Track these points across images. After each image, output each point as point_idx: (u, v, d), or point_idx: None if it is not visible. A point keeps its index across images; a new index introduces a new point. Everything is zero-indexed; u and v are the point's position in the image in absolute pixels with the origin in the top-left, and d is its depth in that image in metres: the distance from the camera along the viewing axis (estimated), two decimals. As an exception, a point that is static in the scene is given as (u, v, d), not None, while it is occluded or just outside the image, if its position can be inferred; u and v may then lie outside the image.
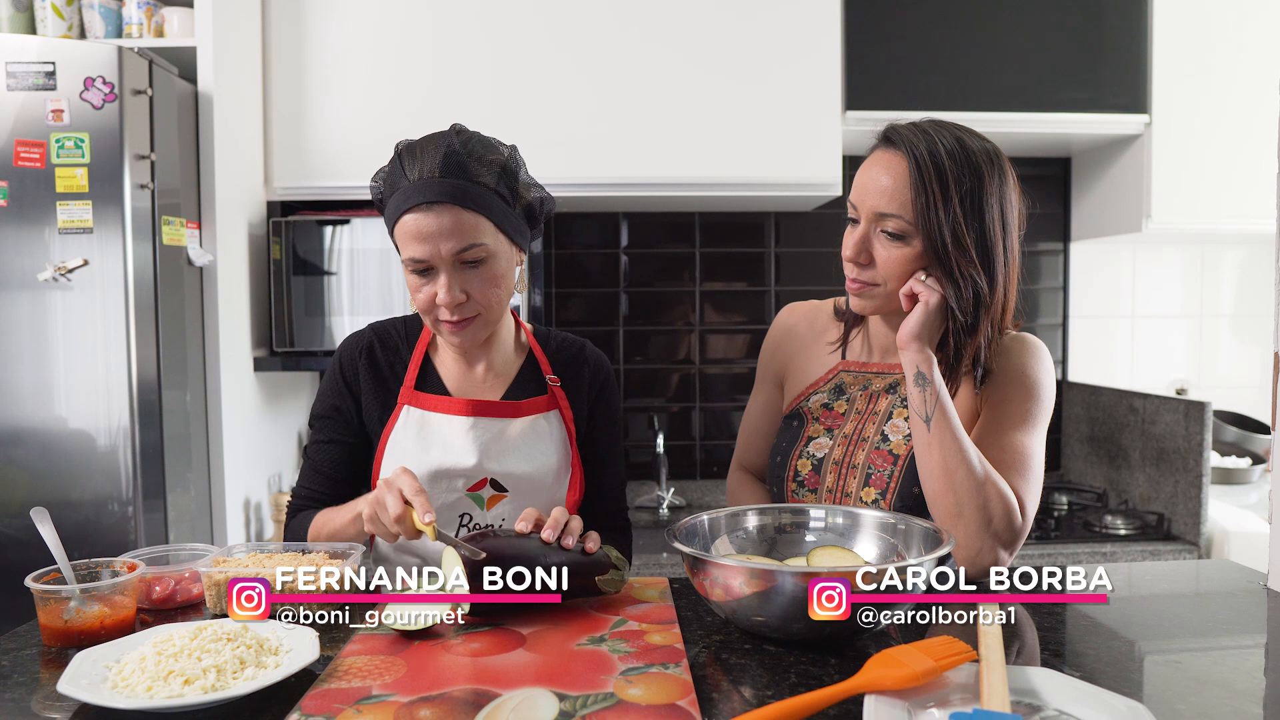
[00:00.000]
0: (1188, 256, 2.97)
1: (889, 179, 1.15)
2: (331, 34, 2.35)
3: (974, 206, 1.13)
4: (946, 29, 2.46)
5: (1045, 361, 1.22)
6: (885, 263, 1.16)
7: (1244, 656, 0.92)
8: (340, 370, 1.28)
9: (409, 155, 1.17)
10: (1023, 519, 1.13)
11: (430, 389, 1.27)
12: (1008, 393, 1.20)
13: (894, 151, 1.16)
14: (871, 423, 1.26)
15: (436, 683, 0.80)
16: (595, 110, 2.37)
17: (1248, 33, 2.50)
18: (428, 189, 1.13)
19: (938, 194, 1.12)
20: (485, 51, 2.36)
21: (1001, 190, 1.16)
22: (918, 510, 1.20)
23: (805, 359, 1.38)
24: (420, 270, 1.16)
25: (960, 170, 1.13)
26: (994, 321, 1.18)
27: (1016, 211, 1.19)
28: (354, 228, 2.31)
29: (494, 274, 1.18)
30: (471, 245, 1.14)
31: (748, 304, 2.89)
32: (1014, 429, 1.18)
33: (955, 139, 1.16)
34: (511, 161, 1.20)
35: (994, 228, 1.15)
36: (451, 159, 1.15)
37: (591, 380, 1.35)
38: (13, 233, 1.85)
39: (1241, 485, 2.68)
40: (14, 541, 1.86)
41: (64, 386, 1.88)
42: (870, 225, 1.17)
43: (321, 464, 1.28)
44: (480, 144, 1.19)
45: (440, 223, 1.13)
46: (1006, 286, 1.18)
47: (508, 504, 1.25)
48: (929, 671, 0.75)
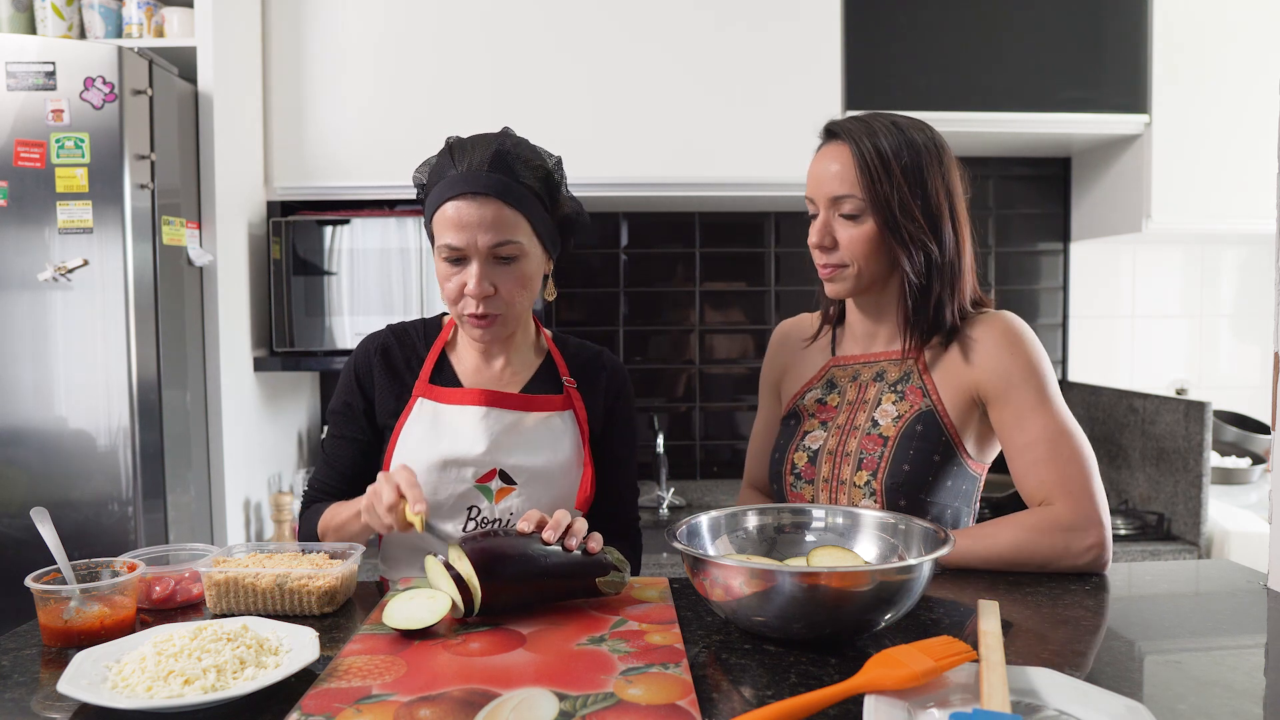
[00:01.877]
0: (1188, 256, 2.97)
1: (837, 165, 1.25)
2: (331, 34, 2.35)
3: (916, 178, 1.23)
4: (946, 29, 2.46)
5: (1027, 334, 1.25)
6: (848, 243, 1.25)
7: (1244, 656, 0.92)
8: (354, 369, 1.32)
9: (458, 148, 1.20)
10: (1086, 494, 1.17)
11: (445, 382, 1.29)
12: (1011, 381, 1.22)
13: (837, 142, 1.27)
14: (862, 411, 1.30)
15: (436, 683, 0.80)
16: (595, 110, 2.37)
17: (1248, 33, 2.50)
18: (473, 180, 1.16)
19: (880, 170, 1.22)
20: (486, 52, 2.36)
21: (940, 160, 1.26)
22: (909, 488, 1.22)
23: (798, 363, 1.43)
24: (453, 259, 1.19)
25: (898, 147, 1.23)
26: (951, 284, 1.25)
27: (959, 182, 1.27)
28: (354, 228, 2.31)
29: (523, 274, 1.21)
30: (507, 241, 1.17)
31: (748, 304, 2.89)
32: (1036, 415, 1.20)
33: (891, 122, 1.26)
34: (556, 170, 1.25)
35: (938, 196, 1.24)
36: (501, 156, 1.18)
37: (608, 386, 1.37)
38: (13, 233, 1.85)
39: (1241, 485, 2.68)
40: (14, 541, 1.86)
41: (64, 386, 1.88)
42: (829, 211, 1.26)
43: (333, 458, 1.33)
44: (528, 148, 1.23)
45: (481, 213, 1.16)
46: (959, 250, 1.26)
47: (516, 497, 1.26)
48: (929, 671, 0.75)
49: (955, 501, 1.27)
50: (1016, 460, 1.21)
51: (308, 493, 1.34)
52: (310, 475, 1.35)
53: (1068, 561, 1.15)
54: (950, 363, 1.26)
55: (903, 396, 1.27)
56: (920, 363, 1.28)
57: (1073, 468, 1.17)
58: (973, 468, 1.28)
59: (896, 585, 0.86)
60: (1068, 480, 1.17)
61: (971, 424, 1.26)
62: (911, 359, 1.29)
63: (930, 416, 1.24)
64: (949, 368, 1.26)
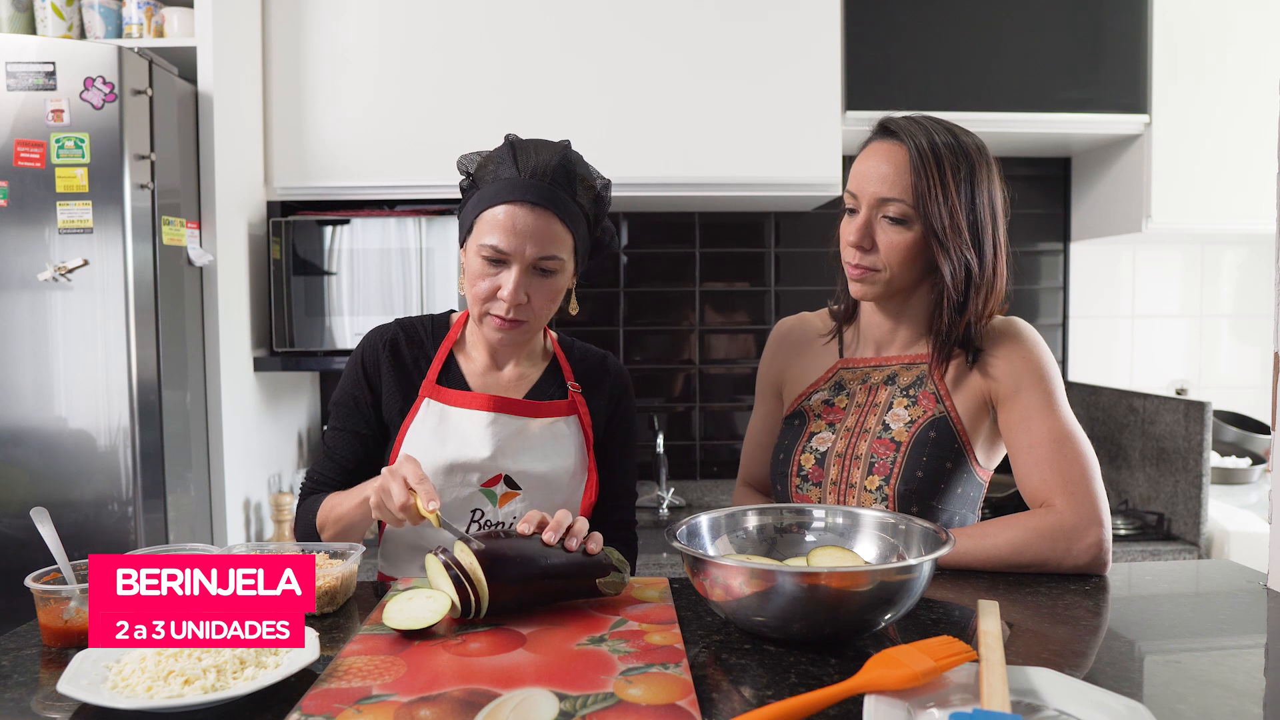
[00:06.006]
0: (1188, 256, 2.97)
1: (889, 166, 1.20)
2: (332, 34, 2.35)
3: (968, 191, 1.20)
4: (946, 29, 2.46)
5: (1038, 340, 1.26)
6: (888, 248, 1.22)
7: (1244, 656, 0.92)
8: (361, 362, 1.30)
9: (521, 150, 1.20)
10: (1087, 495, 1.16)
11: (452, 384, 1.29)
12: (1020, 384, 1.22)
13: (893, 141, 1.22)
14: (873, 414, 1.28)
15: (436, 683, 0.80)
16: (596, 110, 2.37)
17: (1247, 33, 2.50)
18: (534, 189, 1.16)
19: (936, 179, 1.18)
20: (486, 53, 2.36)
21: (990, 178, 1.23)
22: (921, 495, 1.22)
23: (802, 363, 1.41)
24: (494, 259, 1.18)
25: (955, 158, 1.20)
26: (984, 301, 1.23)
27: (1002, 199, 1.25)
28: (354, 228, 2.31)
29: (556, 288, 1.22)
30: (552, 256, 1.18)
31: (748, 304, 2.89)
32: (1042, 417, 1.20)
33: (948, 130, 1.23)
34: (605, 193, 1.25)
35: (984, 212, 1.21)
36: (565, 170, 1.18)
37: (612, 391, 1.37)
38: (13, 233, 1.85)
39: (1241, 485, 2.68)
40: (14, 541, 1.86)
41: (64, 386, 1.88)
42: (872, 211, 1.22)
43: (335, 451, 1.31)
44: (584, 166, 1.23)
45: (536, 224, 1.16)
46: (995, 267, 1.24)
47: (520, 503, 1.26)
48: (929, 671, 0.75)
49: (963, 509, 1.27)
50: (1020, 460, 1.21)
51: (306, 484, 1.32)
52: (309, 468, 1.34)
53: (1068, 562, 1.15)
54: (964, 368, 1.26)
55: (915, 401, 1.26)
56: (937, 370, 1.27)
57: (1075, 469, 1.17)
58: (980, 474, 1.28)
59: (896, 585, 0.86)
60: (1069, 481, 1.17)
61: (982, 430, 1.26)
62: (925, 364, 1.28)
63: (944, 423, 1.24)
64: (962, 373, 1.26)
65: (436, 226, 2.31)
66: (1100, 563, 1.15)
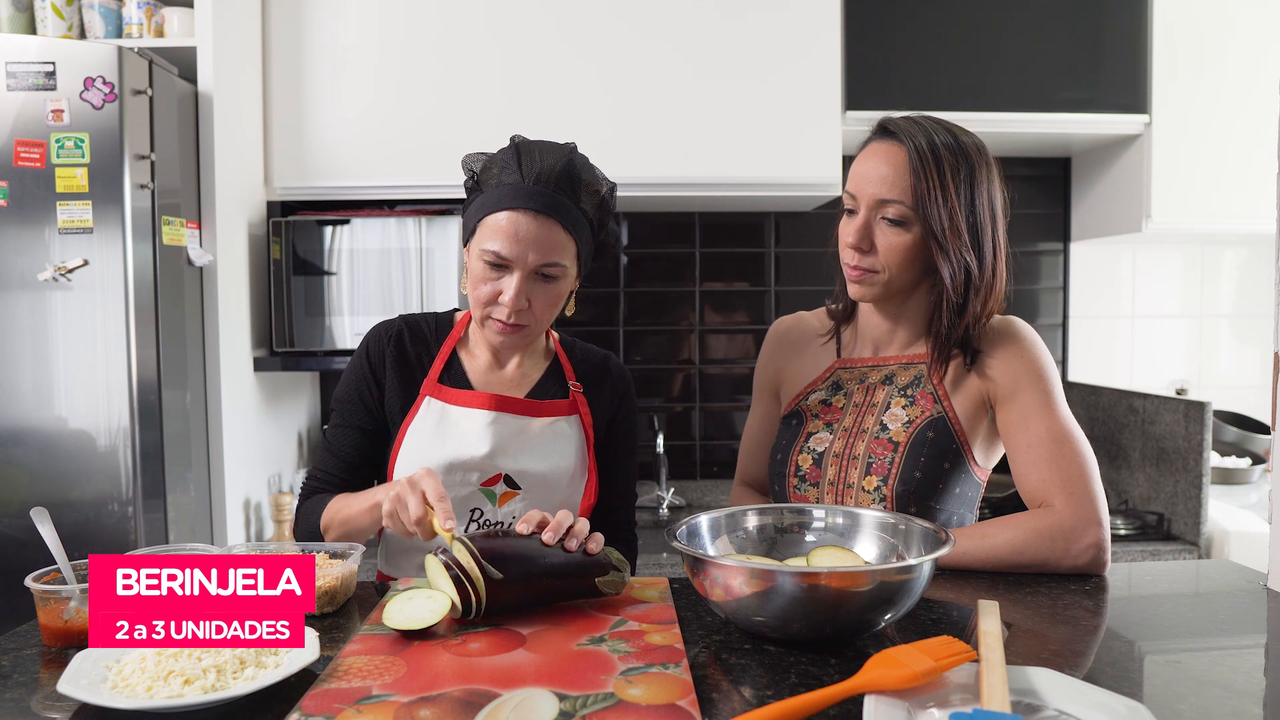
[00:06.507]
0: (1188, 256, 2.97)
1: (889, 168, 1.20)
2: (332, 33, 2.35)
3: (967, 193, 1.19)
4: (946, 29, 2.46)
5: (1036, 339, 1.25)
6: (887, 249, 1.21)
7: (1244, 656, 0.92)
8: (367, 356, 1.29)
9: (526, 153, 1.18)
10: (1086, 495, 1.16)
11: (454, 383, 1.28)
12: (1019, 383, 1.22)
13: (892, 142, 1.21)
14: (870, 414, 1.28)
15: (436, 683, 0.80)
16: (596, 110, 2.37)
17: (1248, 33, 2.50)
18: (538, 196, 1.15)
19: (935, 181, 1.17)
20: (486, 53, 2.36)
21: (989, 179, 1.22)
22: (919, 495, 1.22)
23: (799, 362, 1.41)
24: (495, 264, 1.17)
25: (955, 159, 1.19)
26: (983, 303, 1.23)
27: (1002, 199, 1.24)
28: (354, 228, 2.31)
29: (558, 293, 1.21)
30: (555, 263, 1.17)
31: (748, 304, 2.89)
32: (1041, 416, 1.20)
33: (947, 130, 1.22)
34: (610, 197, 1.24)
35: (984, 213, 1.21)
36: (570, 175, 1.17)
37: (613, 392, 1.37)
38: (13, 233, 1.85)
39: (1241, 485, 2.68)
40: (14, 541, 1.86)
41: (64, 386, 1.88)
42: (871, 213, 1.22)
43: (338, 448, 1.30)
44: (590, 171, 1.22)
45: (539, 231, 1.15)
46: (995, 269, 1.23)
47: (519, 502, 1.26)
48: (929, 671, 0.75)
49: (961, 509, 1.27)
50: (1019, 459, 1.21)
51: (308, 482, 1.30)
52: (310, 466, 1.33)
53: (1067, 562, 1.14)
54: (962, 369, 1.26)
55: (913, 401, 1.26)
56: (936, 372, 1.27)
57: (1074, 469, 1.17)
58: (978, 474, 1.28)
59: (896, 585, 0.86)
60: (1068, 481, 1.17)
61: (980, 430, 1.26)
62: (923, 364, 1.28)
63: (942, 423, 1.24)
64: (961, 374, 1.26)
65: (436, 226, 2.31)
66: (1099, 563, 1.15)
